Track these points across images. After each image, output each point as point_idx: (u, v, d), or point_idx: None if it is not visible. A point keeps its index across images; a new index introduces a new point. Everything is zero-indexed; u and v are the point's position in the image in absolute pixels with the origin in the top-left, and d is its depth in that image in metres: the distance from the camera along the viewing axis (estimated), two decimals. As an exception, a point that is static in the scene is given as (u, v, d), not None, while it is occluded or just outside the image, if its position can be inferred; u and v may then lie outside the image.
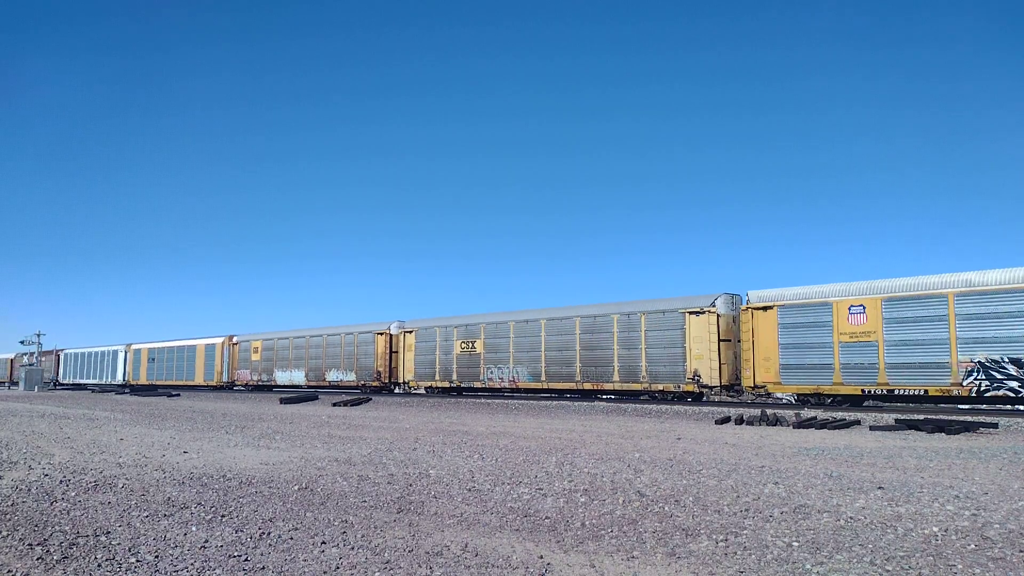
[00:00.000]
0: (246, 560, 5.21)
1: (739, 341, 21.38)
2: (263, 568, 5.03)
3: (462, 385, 28.80)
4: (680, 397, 22.48)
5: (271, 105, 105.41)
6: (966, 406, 18.99)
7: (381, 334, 32.57)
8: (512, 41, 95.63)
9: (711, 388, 21.53)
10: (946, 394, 17.61)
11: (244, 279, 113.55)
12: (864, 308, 18.96)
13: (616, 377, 23.75)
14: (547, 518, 6.52)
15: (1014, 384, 16.58)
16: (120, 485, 8.43)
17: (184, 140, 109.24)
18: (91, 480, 8.82)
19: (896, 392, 18.39)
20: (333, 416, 20.58)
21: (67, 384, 57.14)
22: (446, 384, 29.33)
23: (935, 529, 5.94)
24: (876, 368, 18.55)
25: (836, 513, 6.58)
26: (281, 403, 27.87)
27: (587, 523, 6.31)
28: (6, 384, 65.04)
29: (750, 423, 16.59)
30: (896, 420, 15.18)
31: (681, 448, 11.85)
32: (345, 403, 26.06)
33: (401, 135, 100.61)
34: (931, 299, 17.91)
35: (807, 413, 17.39)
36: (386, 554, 5.36)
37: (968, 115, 72.53)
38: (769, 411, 17.47)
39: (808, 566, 4.95)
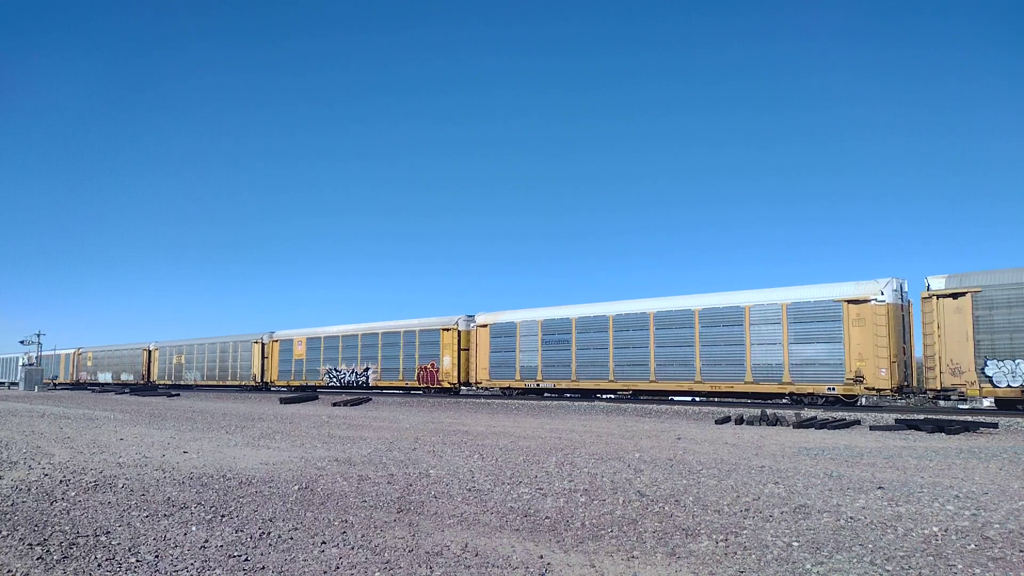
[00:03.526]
0: (246, 560, 5.21)
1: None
2: (263, 568, 5.02)
3: (176, 383, 46.56)
4: (254, 389, 39.41)
5: (271, 105, 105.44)
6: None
7: (144, 350, 50.78)
8: (512, 41, 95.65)
9: (268, 382, 39.17)
10: (320, 385, 34.61)
11: (245, 279, 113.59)
12: (302, 343, 36.35)
13: (237, 378, 41.38)
14: (547, 518, 6.52)
15: (333, 379, 33.09)
16: (120, 485, 8.43)
17: (184, 140, 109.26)
18: (91, 480, 8.82)
19: (332, 384, 34.68)
20: (333, 416, 20.59)
21: None
22: (169, 382, 47.40)
23: (935, 529, 5.94)
24: (315, 371, 35.44)
25: (836, 513, 6.58)
26: (281, 403, 27.89)
27: (587, 523, 6.31)
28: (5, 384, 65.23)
29: (750, 423, 16.59)
30: (896, 420, 15.18)
31: (681, 448, 11.85)
32: (345, 403, 26.08)
33: (401, 135, 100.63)
34: (336, 338, 34.43)
35: (807, 413, 17.40)
36: (386, 554, 5.36)
37: (968, 115, 72.55)
38: (769, 411, 17.47)
39: (808, 566, 4.95)
